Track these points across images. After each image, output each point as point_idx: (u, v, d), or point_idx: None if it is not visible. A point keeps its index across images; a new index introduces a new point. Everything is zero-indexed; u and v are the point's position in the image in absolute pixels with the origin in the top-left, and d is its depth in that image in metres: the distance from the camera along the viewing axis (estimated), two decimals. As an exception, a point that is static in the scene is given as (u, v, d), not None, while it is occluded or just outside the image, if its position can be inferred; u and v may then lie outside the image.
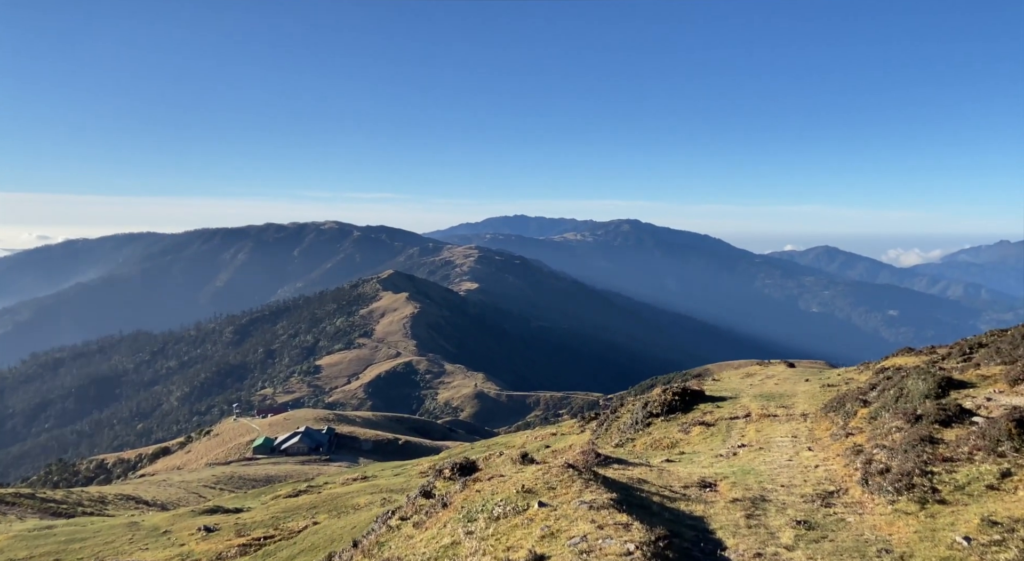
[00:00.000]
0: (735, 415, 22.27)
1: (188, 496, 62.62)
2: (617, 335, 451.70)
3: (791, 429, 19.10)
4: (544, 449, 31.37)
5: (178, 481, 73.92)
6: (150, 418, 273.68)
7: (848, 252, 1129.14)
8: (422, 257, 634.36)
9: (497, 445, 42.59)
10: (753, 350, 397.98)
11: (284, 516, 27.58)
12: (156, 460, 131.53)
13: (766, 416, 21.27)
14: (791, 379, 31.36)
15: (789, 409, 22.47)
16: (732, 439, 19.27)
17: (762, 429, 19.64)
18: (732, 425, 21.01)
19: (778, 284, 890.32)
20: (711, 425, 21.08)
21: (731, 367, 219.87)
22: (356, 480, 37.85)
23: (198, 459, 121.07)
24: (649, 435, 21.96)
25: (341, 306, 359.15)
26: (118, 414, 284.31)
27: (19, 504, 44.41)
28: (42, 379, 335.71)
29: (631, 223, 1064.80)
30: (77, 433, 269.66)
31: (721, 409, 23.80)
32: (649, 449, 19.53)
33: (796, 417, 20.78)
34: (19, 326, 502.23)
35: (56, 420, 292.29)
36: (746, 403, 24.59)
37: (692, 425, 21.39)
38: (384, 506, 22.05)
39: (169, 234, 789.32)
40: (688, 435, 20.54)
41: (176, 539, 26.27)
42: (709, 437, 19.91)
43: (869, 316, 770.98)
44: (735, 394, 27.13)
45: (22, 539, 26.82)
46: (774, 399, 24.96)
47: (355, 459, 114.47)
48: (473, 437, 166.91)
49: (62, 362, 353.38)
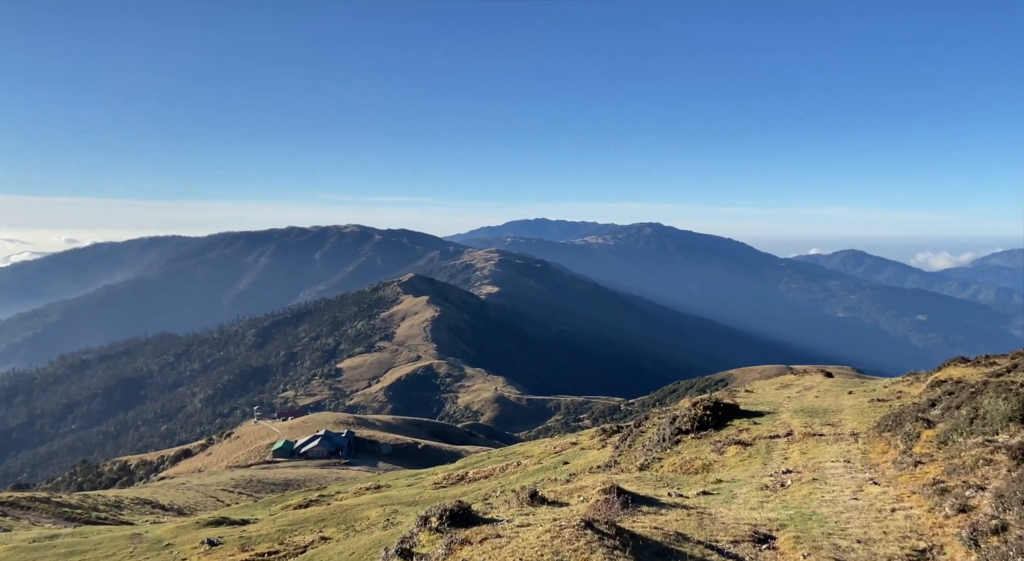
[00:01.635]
0: (775, 433, 20.40)
1: (206, 500, 62.29)
2: (638, 339, 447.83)
3: (841, 452, 17.25)
4: (561, 466, 29.62)
5: (196, 484, 73.78)
6: (174, 420, 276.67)
7: (875, 256, 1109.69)
8: (443, 260, 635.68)
9: (515, 455, 41.37)
10: (777, 355, 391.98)
11: (291, 529, 26.61)
12: (178, 462, 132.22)
13: (810, 435, 19.43)
14: (832, 391, 29.25)
15: (836, 427, 20.53)
16: (774, 462, 17.38)
17: (807, 451, 17.80)
18: (773, 445, 19.11)
19: (803, 288, 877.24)
20: (748, 445, 19.25)
21: (755, 372, 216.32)
22: (369, 490, 36.90)
23: (219, 461, 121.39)
24: (678, 454, 20.10)
25: (362, 309, 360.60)
26: (143, 415, 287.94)
27: (34, 509, 44.20)
28: (70, 380, 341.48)
29: (652, 226, 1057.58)
30: (103, 434, 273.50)
31: (759, 426, 21.90)
32: (679, 472, 17.79)
33: (845, 437, 18.90)
34: (48, 328, 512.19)
35: (83, 421, 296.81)
36: (786, 419, 22.70)
37: (727, 444, 19.55)
38: (391, 527, 20.69)
39: (194, 237, 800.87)
40: (723, 456, 18.75)
41: (178, 553, 25.43)
42: (747, 459, 18.06)
43: (897, 321, 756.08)
44: (773, 409, 25.17)
45: (21, 551, 26.22)
46: (817, 415, 23.05)
47: (374, 463, 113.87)
48: (493, 441, 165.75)
49: (89, 364, 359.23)
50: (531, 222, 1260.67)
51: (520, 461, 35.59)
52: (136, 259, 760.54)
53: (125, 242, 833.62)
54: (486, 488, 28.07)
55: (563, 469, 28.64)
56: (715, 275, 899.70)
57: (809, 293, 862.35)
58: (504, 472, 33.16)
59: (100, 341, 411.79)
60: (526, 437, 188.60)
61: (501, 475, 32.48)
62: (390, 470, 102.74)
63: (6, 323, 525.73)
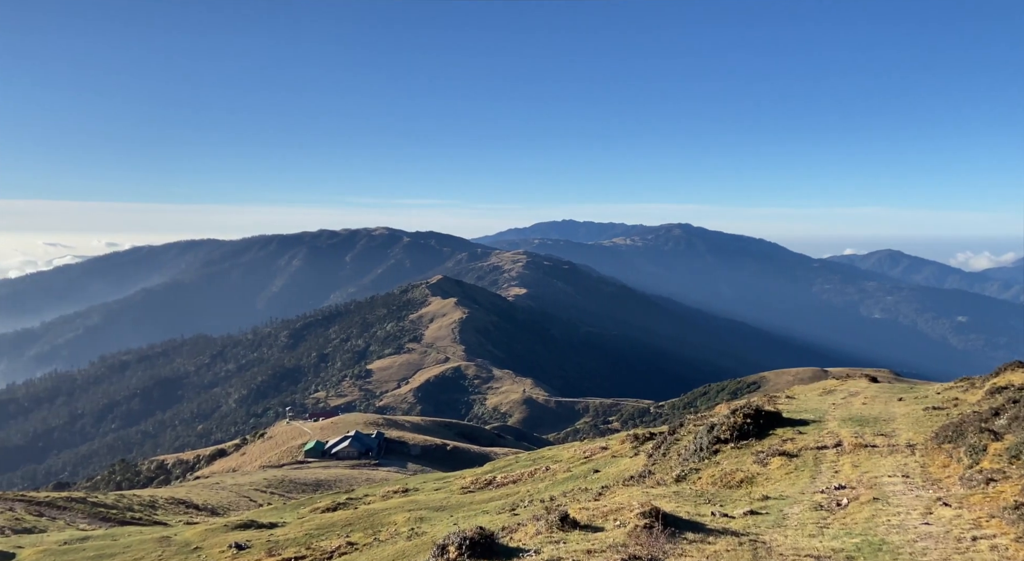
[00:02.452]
0: (822, 444, 19.20)
1: (239, 500, 63.04)
2: (668, 341, 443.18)
3: (897, 465, 16.02)
4: (592, 475, 28.61)
5: (230, 484, 74.75)
6: (209, 419, 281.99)
7: (913, 256, 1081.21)
8: (471, 262, 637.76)
9: (543, 459, 40.77)
10: (811, 358, 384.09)
11: (318, 533, 26.49)
12: (213, 461, 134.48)
13: (862, 446, 18.28)
14: (880, 398, 27.80)
15: (889, 438, 19.30)
16: (823, 476, 16.18)
17: (860, 463, 16.64)
18: (821, 457, 17.91)
19: (837, 289, 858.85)
20: (794, 456, 18.08)
21: (788, 375, 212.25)
22: (396, 493, 36.72)
23: (252, 461, 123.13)
24: (717, 465, 18.93)
25: (391, 311, 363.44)
26: (180, 415, 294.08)
27: (70, 509, 45.12)
28: (109, 381, 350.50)
29: (682, 227, 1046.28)
30: (141, 433, 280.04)
31: (804, 436, 20.70)
32: (719, 486, 16.53)
33: (901, 449, 17.71)
34: (89, 330, 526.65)
35: (122, 420, 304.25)
36: (834, 428, 21.43)
37: (770, 455, 18.34)
38: (415, 537, 20.12)
39: (228, 241, 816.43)
40: (766, 468, 17.52)
41: (206, 557, 25.47)
42: (793, 472, 16.84)
43: (936, 323, 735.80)
44: (818, 416, 23.87)
45: (51, 554, 26.55)
46: (867, 424, 21.73)
47: (404, 464, 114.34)
48: (521, 443, 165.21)
49: (128, 364, 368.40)
50: (559, 223, 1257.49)
51: (549, 466, 35.02)
52: (173, 262, 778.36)
53: (163, 245, 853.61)
54: (514, 497, 27.39)
55: (594, 478, 27.75)
56: (746, 276, 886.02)
57: (844, 294, 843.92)
58: (533, 478, 32.57)
59: (139, 342, 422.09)
60: (555, 439, 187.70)
61: (530, 481, 31.91)
62: (419, 471, 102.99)
63: (50, 325, 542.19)
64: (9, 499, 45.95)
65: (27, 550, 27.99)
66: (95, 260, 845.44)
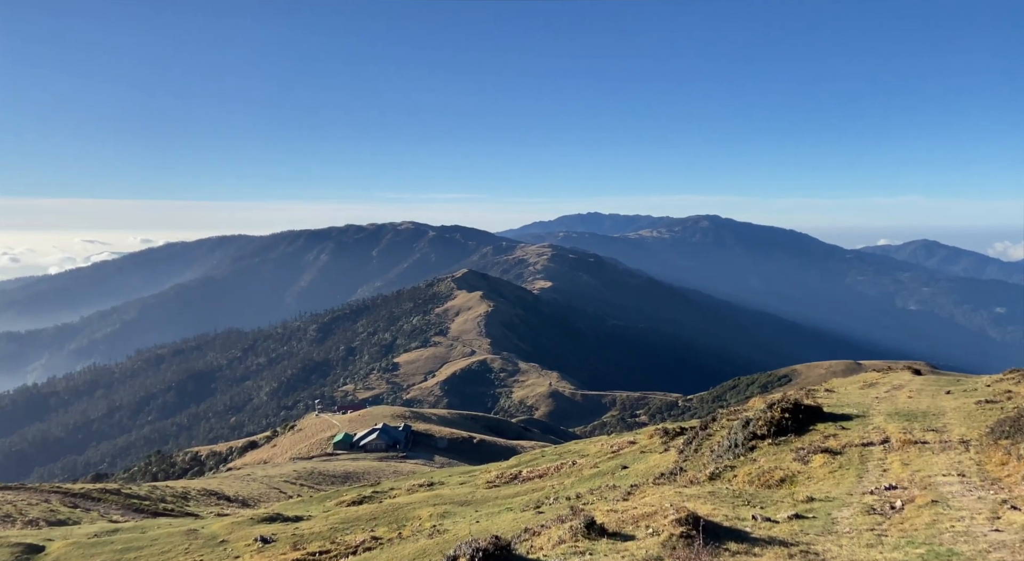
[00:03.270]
0: (868, 440, 18.09)
1: (269, 491, 63.83)
2: (696, 334, 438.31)
3: (951, 463, 14.99)
4: (620, 472, 27.80)
5: (261, 475, 75.82)
6: (242, 412, 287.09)
7: (950, 246, 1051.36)
8: (496, 256, 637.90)
9: (570, 453, 40.25)
10: (844, 350, 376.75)
11: (343, 527, 26.37)
12: (245, 453, 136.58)
13: (911, 442, 17.20)
14: (926, 391, 26.27)
15: (940, 433, 18.16)
16: (871, 475, 15.17)
17: (910, 462, 15.57)
18: (867, 455, 16.88)
19: (871, 281, 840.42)
20: (838, 453, 17.06)
21: (821, 368, 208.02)
22: (422, 487, 36.57)
23: (283, 453, 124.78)
24: (754, 462, 17.97)
25: (417, 305, 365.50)
26: (213, 408, 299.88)
27: (104, 500, 46.00)
28: (146, 374, 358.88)
29: (710, 219, 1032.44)
30: (177, 425, 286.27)
31: (848, 431, 19.53)
32: (757, 485, 15.57)
33: (953, 445, 16.67)
34: (125, 324, 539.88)
35: (158, 413, 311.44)
36: (880, 424, 20.24)
37: (812, 452, 17.34)
38: (437, 534, 19.58)
39: (258, 237, 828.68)
40: (807, 466, 16.50)
41: (232, 550, 25.55)
42: (838, 471, 15.84)
43: (974, 314, 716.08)
44: (861, 411, 22.57)
45: (79, 547, 26.85)
46: (915, 419, 20.53)
47: (431, 456, 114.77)
48: (548, 436, 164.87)
49: (163, 358, 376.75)
50: (584, 216, 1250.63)
51: (575, 460, 34.47)
52: (205, 258, 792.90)
53: (195, 242, 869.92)
54: (539, 493, 26.81)
55: (622, 475, 26.95)
56: (777, 268, 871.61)
57: (878, 286, 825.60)
58: (559, 472, 32.03)
59: (173, 336, 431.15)
60: (581, 432, 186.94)
61: (556, 476, 31.38)
62: (446, 464, 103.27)
63: (88, 320, 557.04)
64: (45, 491, 47.11)
65: (57, 543, 28.43)
66: (130, 256, 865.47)
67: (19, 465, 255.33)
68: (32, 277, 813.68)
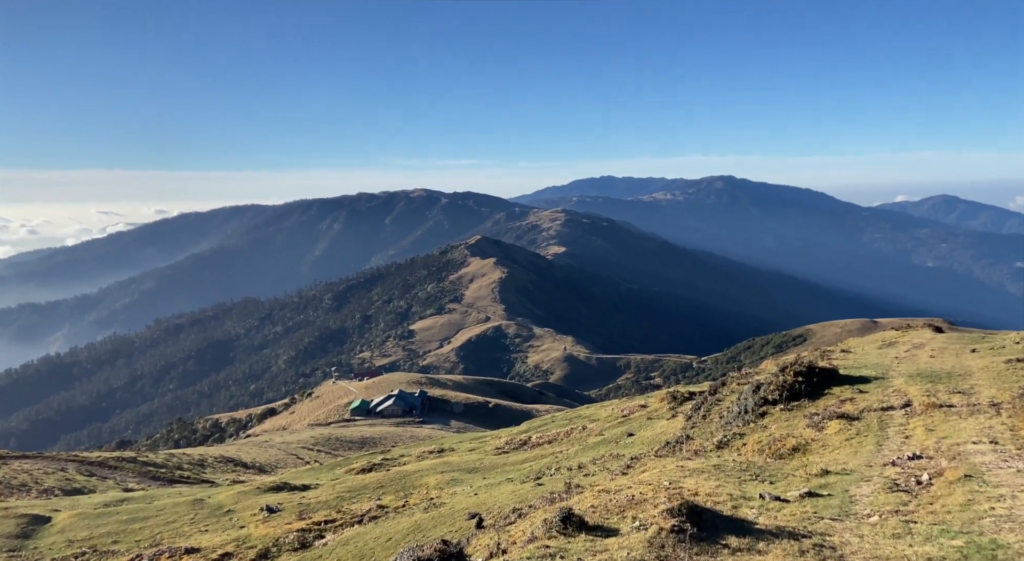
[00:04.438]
0: (887, 404, 16.82)
1: (286, 458, 64.97)
2: (710, 296, 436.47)
3: (981, 428, 13.76)
4: (625, 440, 27.14)
5: (279, 442, 77.11)
6: (261, 379, 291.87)
7: (970, 201, 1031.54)
8: (509, 222, 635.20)
9: (580, 418, 40.21)
10: (860, 309, 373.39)
11: (349, 496, 26.61)
12: (264, 420, 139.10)
13: (935, 406, 15.91)
14: (950, 350, 24.72)
15: (968, 396, 16.81)
16: (891, 443, 13.97)
17: (935, 427, 14.37)
18: (887, 420, 15.66)
19: (888, 238, 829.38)
20: (855, 419, 15.91)
21: (836, 327, 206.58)
22: (432, 454, 36.86)
23: (301, 419, 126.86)
24: (764, 430, 16.85)
25: (431, 272, 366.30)
26: (233, 375, 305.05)
27: (121, 468, 46.96)
28: (165, 343, 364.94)
29: (724, 180, 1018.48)
30: (198, 393, 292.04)
31: (865, 395, 18.14)
32: (768, 455, 14.47)
33: (983, 408, 15.36)
34: (144, 295, 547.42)
35: (179, 381, 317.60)
36: (900, 386, 18.86)
37: (826, 418, 16.28)
38: (433, 509, 19.42)
39: (271, 206, 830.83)
40: (822, 433, 15.43)
41: (238, 520, 25.90)
42: (855, 439, 14.67)
43: (993, 269, 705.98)
44: (879, 373, 21.18)
45: (85, 517, 27.30)
46: (939, 380, 19.17)
47: (447, 421, 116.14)
48: (563, 400, 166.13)
49: (182, 327, 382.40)
50: (597, 180, 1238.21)
51: (585, 425, 34.37)
52: (219, 228, 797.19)
53: (208, 212, 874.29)
54: (544, 461, 26.60)
55: (627, 443, 26.45)
56: (792, 228, 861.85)
57: (895, 243, 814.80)
58: (568, 437, 31.94)
59: (191, 306, 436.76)
60: (596, 396, 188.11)
61: (565, 440, 31.30)
62: (462, 429, 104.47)
63: (107, 291, 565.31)
64: (62, 459, 48.20)
65: (63, 514, 28.98)
66: (146, 227, 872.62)
67: (46, 432, 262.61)
68: (50, 249, 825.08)
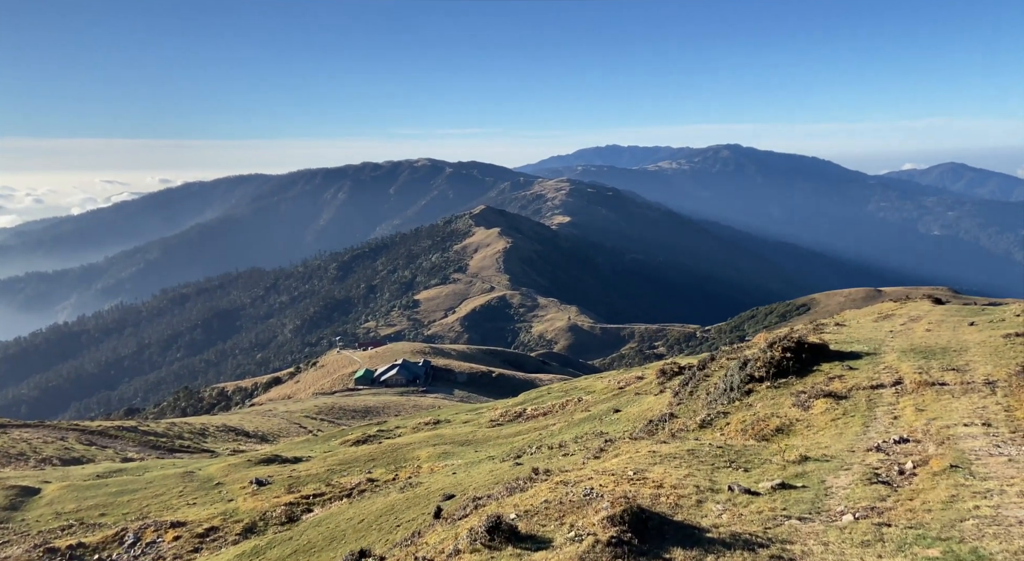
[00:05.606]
0: (877, 382, 16.12)
1: (289, 427, 65.66)
2: (715, 266, 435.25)
3: (974, 408, 13.03)
4: (611, 416, 27.02)
5: (282, 411, 77.87)
6: (267, 349, 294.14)
7: (978, 168, 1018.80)
8: (513, 192, 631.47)
9: (576, 390, 40.31)
10: (864, 278, 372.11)
11: (340, 469, 26.76)
12: (270, 389, 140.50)
13: (927, 384, 15.11)
14: (947, 323, 23.87)
15: (962, 373, 16.02)
16: (879, 424, 13.35)
17: (926, 407, 13.63)
18: (876, 399, 14.93)
19: (894, 206, 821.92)
20: (842, 398, 15.19)
21: (840, 296, 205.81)
22: (427, 425, 37.09)
23: (306, 388, 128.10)
24: (749, 408, 16.22)
25: (436, 242, 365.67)
26: (239, 344, 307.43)
27: (121, 437, 47.46)
28: (172, 313, 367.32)
29: (730, 148, 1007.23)
30: (205, 362, 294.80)
31: (855, 372, 17.43)
32: (750, 435, 13.88)
33: (977, 387, 14.58)
34: (149, 264, 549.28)
35: (186, 350, 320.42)
36: (892, 362, 18.08)
37: (813, 397, 15.59)
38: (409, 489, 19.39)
39: (275, 175, 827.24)
40: (807, 413, 14.78)
41: (226, 493, 26.17)
42: (841, 419, 14.02)
43: (1000, 238, 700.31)
44: (872, 348, 20.36)
45: (74, 489, 27.52)
46: (934, 356, 18.29)
47: (450, 391, 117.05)
48: (567, 369, 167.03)
49: (188, 297, 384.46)
50: (602, 149, 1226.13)
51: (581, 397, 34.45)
52: (223, 197, 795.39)
53: (213, 181, 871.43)
54: (529, 437, 26.53)
55: (612, 419, 26.08)
56: (798, 196, 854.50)
57: (901, 211, 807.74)
58: (563, 410, 31.99)
59: (196, 276, 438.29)
60: (600, 365, 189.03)
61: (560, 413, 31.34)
62: (465, 398, 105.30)
63: (113, 260, 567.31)
64: (63, 428, 48.68)
65: (53, 485, 29.24)
66: (150, 196, 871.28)
67: (56, 400, 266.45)
68: (55, 218, 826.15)
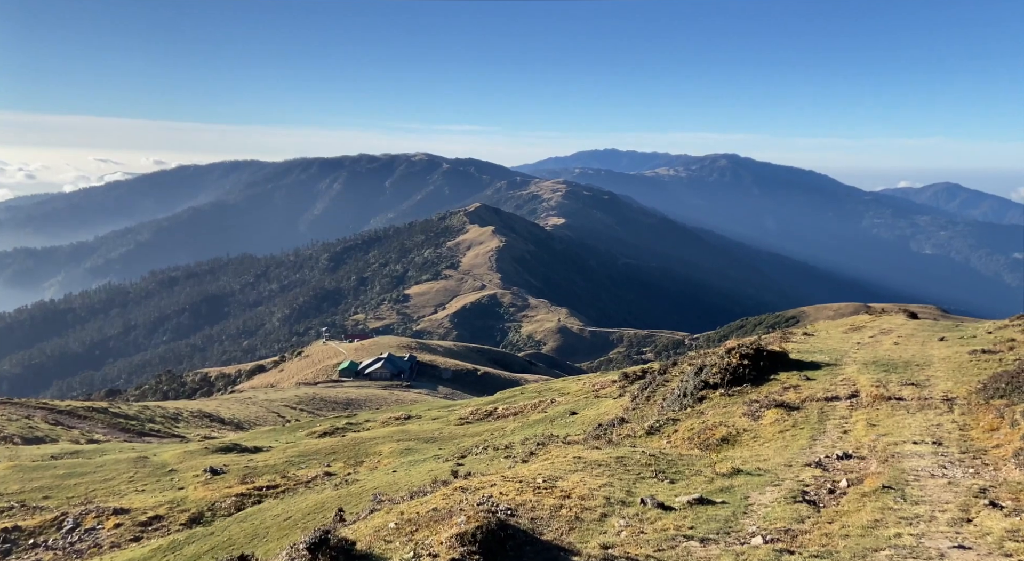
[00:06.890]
0: (833, 394, 15.67)
1: (267, 415, 64.99)
2: (708, 274, 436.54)
3: (927, 426, 12.55)
4: (568, 417, 26.77)
5: (262, 399, 77.15)
6: (254, 336, 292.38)
7: (972, 189, 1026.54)
8: (509, 191, 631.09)
9: (550, 391, 40.00)
10: (855, 293, 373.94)
11: (299, 461, 26.20)
12: (253, 377, 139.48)
13: (883, 398, 14.64)
14: (917, 337, 23.51)
15: (921, 388, 15.54)
16: (827, 438, 12.81)
17: (878, 422, 13.12)
18: (828, 412, 14.43)
19: (888, 223, 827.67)
20: (795, 409, 14.69)
21: (829, 310, 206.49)
22: (396, 420, 36.62)
23: (289, 378, 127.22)
24: (699, 416, 15.89)
25: (429, 237, 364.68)
26: (227, 331, 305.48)
27: (90, 418, 46.66)
28: (160, 295, 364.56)
29: (728, 158, 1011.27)
30: (191, 346, 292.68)
31: (812, 382, 17.01)
32: (695, 444, 13.45)
33: (934, 403, 14.05)
34: (140, 245, 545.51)
35: (173, 333, 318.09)
36: (851, 374, 17.58)
37: (765, 407, 15.10)
38: (344, 486, 18.76)
39: (271, 162, 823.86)
40: (757, 423, 14.31)
41: (178, 481, 25.62)
42: (789, 431, 13.52)
43: (991, 259, 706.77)
44: (835, 358, 19.81)
45: (21, 470, 26.73)
46: (895, 369, 17.77)
47: (434, 387, 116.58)
48: (553, 371, 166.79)
49: (177, 280, 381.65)
50: (600, 153, 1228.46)
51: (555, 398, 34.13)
52: (218, 182, 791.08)
53: (207, 165, 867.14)
54: (480, 438, 26.01)
55: (567, 421, 25.48)
56: (793, 209, 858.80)
57: (895, 229, 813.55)
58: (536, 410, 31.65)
59: (187, 259, 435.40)
60: (588, 368, 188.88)
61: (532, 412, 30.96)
62: (448, 394, 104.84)
63: (103, 239, 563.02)
64: (30, 407, 47.78)
65: (1, 464, 28.52)
66: (144, 178, 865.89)
67: (39, 377, 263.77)
68: (47, 194, 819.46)
